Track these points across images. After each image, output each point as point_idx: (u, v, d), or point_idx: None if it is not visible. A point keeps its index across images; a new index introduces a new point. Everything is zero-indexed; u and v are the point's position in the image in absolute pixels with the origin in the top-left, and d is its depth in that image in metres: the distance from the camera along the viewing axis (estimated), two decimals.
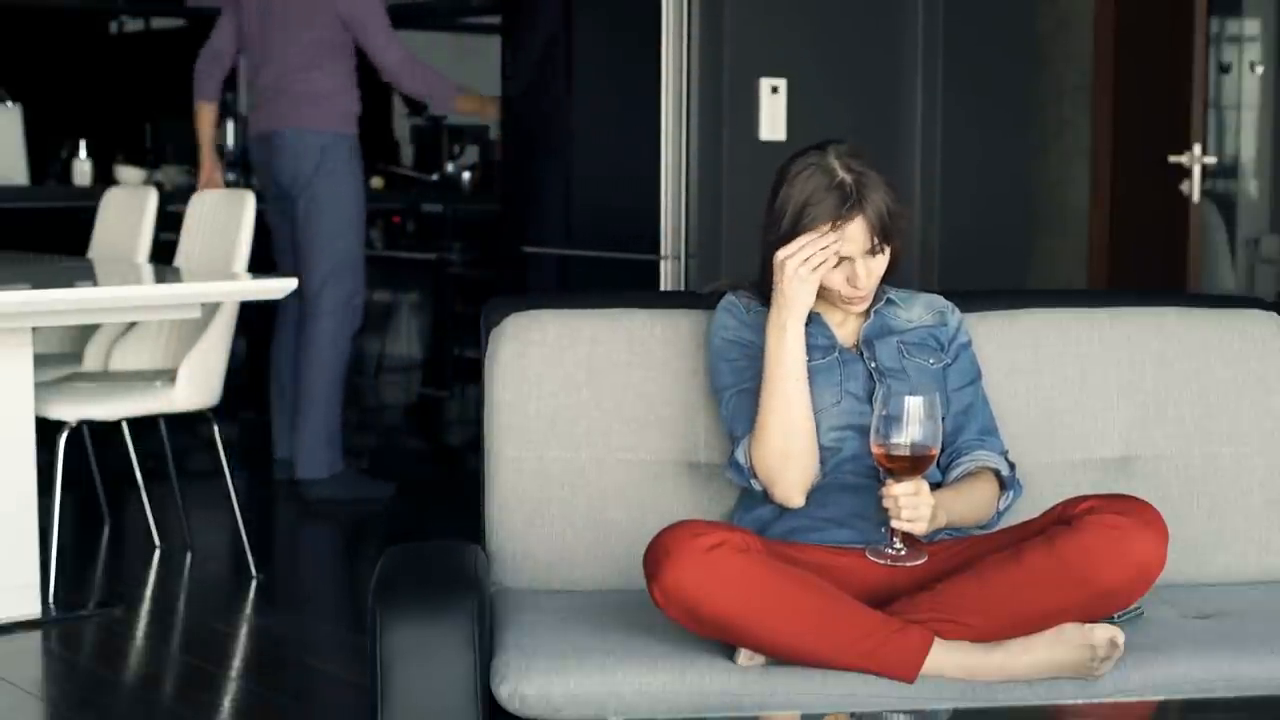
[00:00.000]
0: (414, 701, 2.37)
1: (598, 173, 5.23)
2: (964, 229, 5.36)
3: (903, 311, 2.78)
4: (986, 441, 2.72)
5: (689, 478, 2.84)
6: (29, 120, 6.95)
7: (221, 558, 5.04)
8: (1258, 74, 6.41)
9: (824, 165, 2.63)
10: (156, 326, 4.84)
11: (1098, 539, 2.40)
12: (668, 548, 2.40)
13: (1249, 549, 2.92)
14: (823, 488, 2.64)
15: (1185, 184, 5.55)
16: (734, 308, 2.77)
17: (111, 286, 4.45)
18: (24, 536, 4.21)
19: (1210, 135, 5.85)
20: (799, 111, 5.01)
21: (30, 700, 3.82)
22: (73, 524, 4.71)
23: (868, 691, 2.42)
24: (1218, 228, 6.09)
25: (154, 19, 8.93)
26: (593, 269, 5.17)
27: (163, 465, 5.03)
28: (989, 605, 2.44)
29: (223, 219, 4.86)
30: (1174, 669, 2.48)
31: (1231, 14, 6.36)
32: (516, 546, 2.83)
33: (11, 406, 4.20)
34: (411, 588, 2.47)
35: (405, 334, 7.60)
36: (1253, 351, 2.97)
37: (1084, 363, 2.93)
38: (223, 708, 3.75)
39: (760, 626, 2.40)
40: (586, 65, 5.27)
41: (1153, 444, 2.93)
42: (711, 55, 4.89)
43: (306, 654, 4.17)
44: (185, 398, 4.56)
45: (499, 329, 2.89)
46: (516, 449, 2.83)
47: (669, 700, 2.42)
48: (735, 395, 2.70)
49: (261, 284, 4.48)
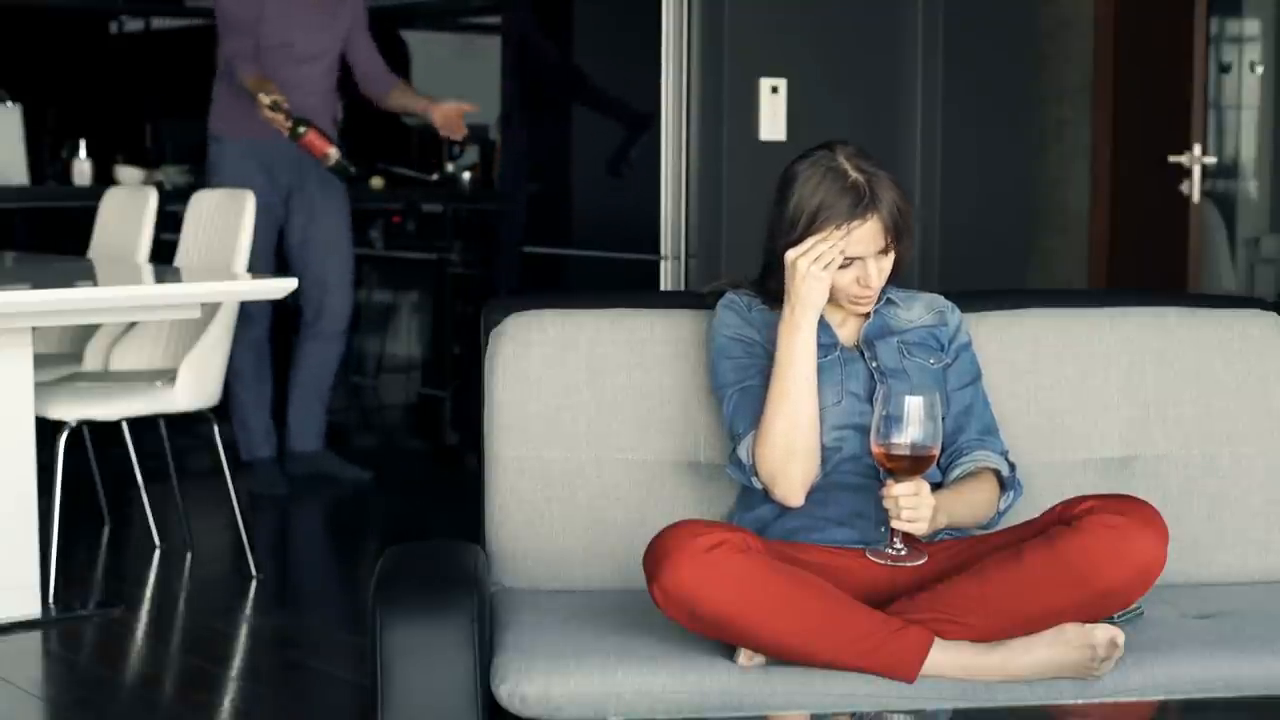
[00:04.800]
0: (414, 701, 2.37)
1: (598, 173, 5.23)
2: (964, 229, 5.36)
3: (903, 311, 2.78)
4: (987, 441, 2.72)
5: (689, 478, 2.84)
6: (29, 120, 6.95)
7: (221, 558, 5.04)
8: (1258, 74, 6.41)
9: (835, 167, 2.63)
10: (156, 326, 4.83)
11: (1098, 539, 2.40)
12: (667, 547, 2.40)
13: (1249, 549, 2.92)
14: (823, 487, 2.65)
15: (1185, 184, 5.55)
16: (736, 305, 2.77)
17: (111, 286, 4.45)
18: (24, 536, 4.21)
19: (1210, 135, 5.85)
20: (799, 111, 5.01)
21: (30, 700, 3.82)
22: (73, 524, 4.71)
23: (868, 691, 2.42)
24: (1218, 228, 6.09)
25: (154, 19, 8.92)
26: (593, 269, 5.17)
27: (163, 465, 5.03)
28: (989, 605, 2.44)
29: (222, 219, 4.86)
30: (1174, 669, 2.49)
31: (1231, 14, 6.36)
32: (516, 546, 2.83)
33: (11, 406, 4.20)
34: (411, 588, 2.47)
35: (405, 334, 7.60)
36: (1253, 351, 2.97)
37: (1084, 363, 2.93)
38: (223, 708, 3.75)
39: (760, 626, 2.40)
40: (586, 65, 5.27)
41: (1153, 444, 2.93)
42: (711, 55, 4.89)
43: (306, 654, 4.17)
44: (185, 398, 4.56)
45: (499, 329, 2.89)
46: (516, 449, 2.84)
47: (669, 700, 2.42)
48: (737, 393, 2.70)
49: (261, 284, 4.48)
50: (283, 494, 5.73)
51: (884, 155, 4.01)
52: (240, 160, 5.69)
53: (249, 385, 5.79)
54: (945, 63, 5.27)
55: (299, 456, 5.92)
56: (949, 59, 5.28)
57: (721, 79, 4.91)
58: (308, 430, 5.93)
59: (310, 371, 5.90)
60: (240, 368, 5.71)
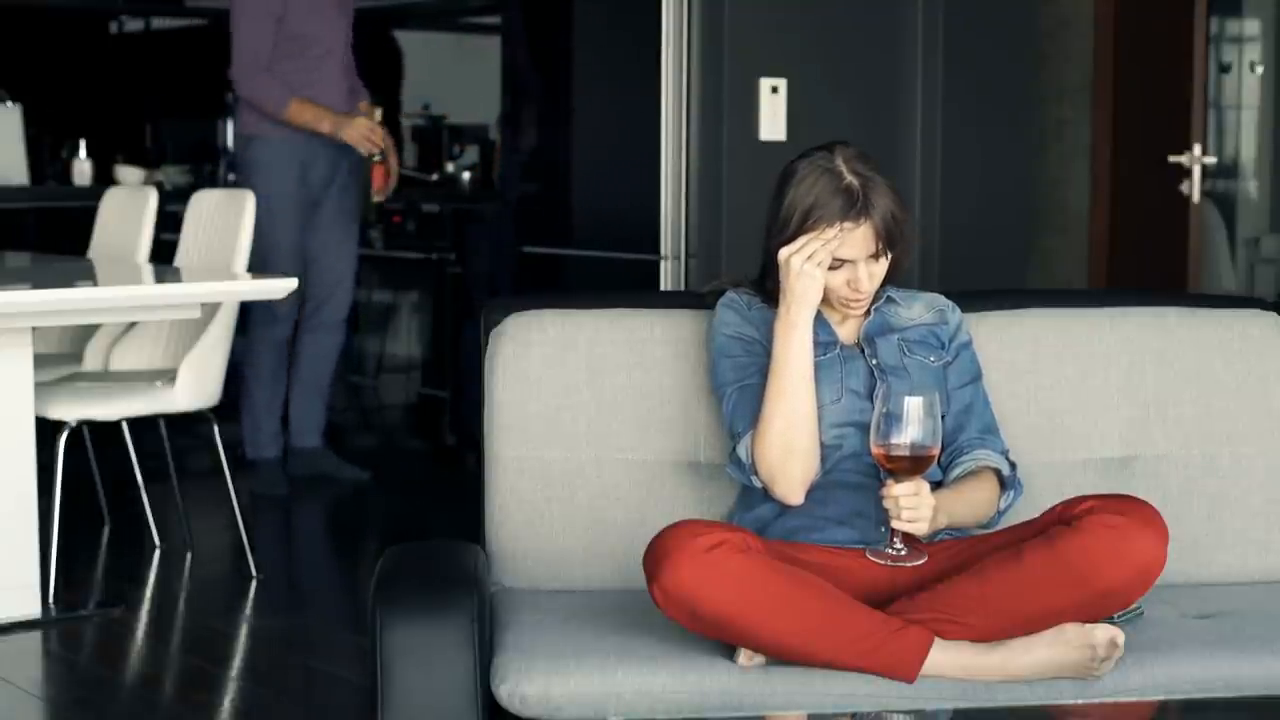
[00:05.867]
0: (414, 701, 2.37)
1: (598, 173, 5.23)
2: (964, 229, 5.36)
3: (903, 310, 2.78)
4: (987, 441, 2.72)
5: (689, 478, 2.84)
6: (29, 120, 6.95)
7: (221, 558, 5.04)
8: (1258, 74, 6.41)
9: (831, 168, 2.63)
10: (156, 326, 4.83)
11: (1098, 539, 2.40)
12: (667, 548, 2.40)
13: (1249, 549, 2.92)
14: (823, 485, 2.65)
15: (1185, 184, 5.55)
16: (736, 304, 2.77)
17: (111, 286, 4.45)
18: (24, 536, 4.21)
19: (1210, 135, 5.85)
20: (799, 111, 5.01)
21: (30, 700, 3.82)
22: (73, 524, 4.70)
23: (868, 691, 2.42)
24: (1218, 228, 6.09)
25: (154, 19, 8.93)
26: (593, 269, 5.17)
27: (163, 465, 5.03)
28: (989, 605, 2.44)
29: (223, 219, 4.86)
30: (1174, 669, 2.48)
31: (1231, 14, 6.36)
32: (516, 546, 2.83)
33: (11, 406, 4.20)
34: (411, 588, 2.47)
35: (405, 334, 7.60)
36: (1253, 351, 2.97)
37: (1084, 363, 2.93)
38: (223, 708, 3.75)
39: (760, 626, 2.40)
40: (586, 65, 5.27)
41: (1153, 444, 2.93)
42: (711, 55, 4.89)
43: (306, 654, 4.17)
44: (185, 398, 4.56)
45: (499, 329, 2.89)
46: (516, 449, 2.84)
47: (669, 700, 2.42)
48: (737, 391, 2.70)
49: (262, 284, 4.48)
50: (283, 494, 5.73)
51: (884, 155, 4.03)
52: (281, 159, 5.69)
53: (267, 385, 5.79)
54: (945, 62, 5.27)
55: (299, 454, 5.91)
56: (949, 59, 5.28)
57: (721, 79, 4.91)
58: (308, 426, 5.93)
59: (311, 364, 5.90)
60: (261, 367, 5.74)
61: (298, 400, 5.92)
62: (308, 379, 5.91)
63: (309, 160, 5.71)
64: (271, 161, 5.67)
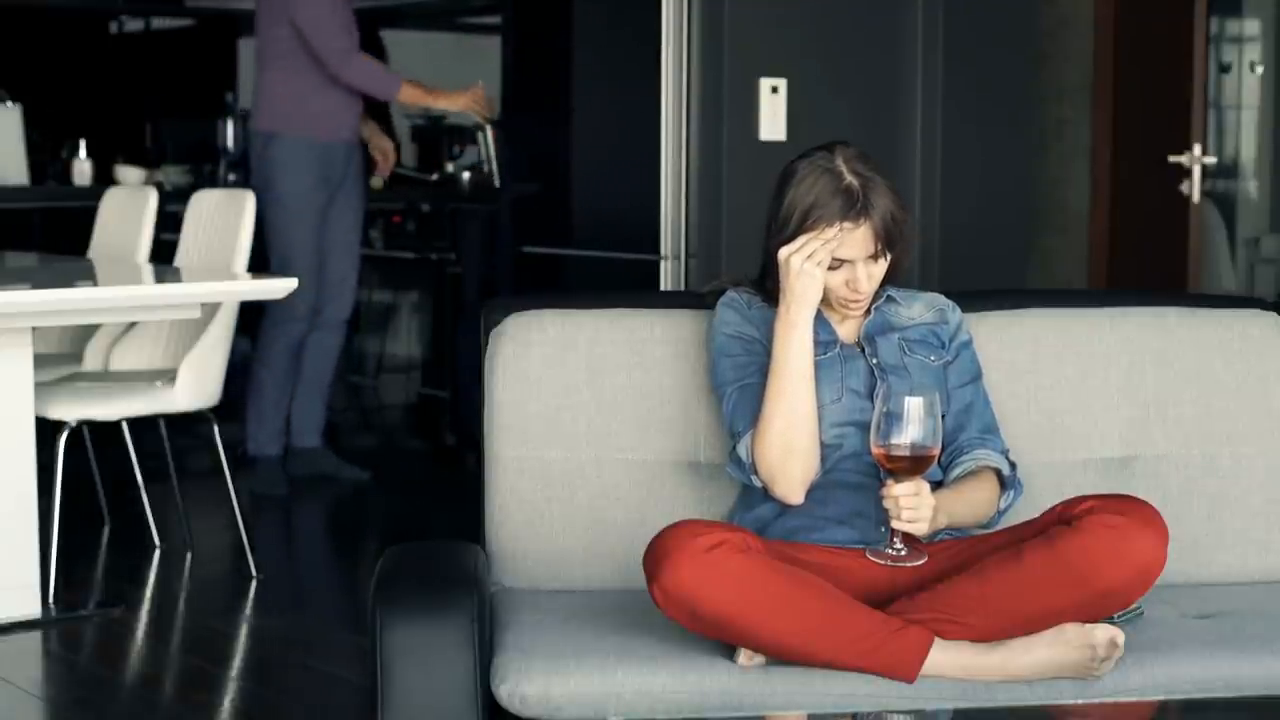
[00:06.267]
0: (414, 701, 2.37)
1: (598, 172, 5.23)
2: (964, 229, 5.36)
3: (903, 309, 2.79)
4: (987, 440, 2.72)
5: (689, 478, 2.84)
6: (29, 120, 6.95)
7: (221, 558, 5.04)
8: (1258, 74, 6.41)
9: (831, 168, 2.63)
10: (156, 326, 4.83)
11: (1098, 539, 2.40)
12: (667, 547, 2.40)
13: (1249, 549, 2.92)
14: (823, 485, 2.65)
15: (1185, 184, 5.55)
16: (736, 303, 2.77)
17: (111, 286, 4.45)
18: (24, 536, 4.21)
19: (1210, 135, 5.85)
20: (799, 111, 5.01)
21: (30, 700, 3.82)
22: (73, 524, 4.70)
23: (868, 691, 2.42)
24: (1218, 228, 6.09)
25: (154, 19, 8.93)
26: (593, 269, 5.17)
27: (163, 465, 5.03)
28: (989, 605, 2.44)
29: (223, 219, 4.86)
30: (1174, 669, 2.49)
31: (1231, 14, 6.36)
32: (516, 546, 2.83)
33: (11, 406, 4.20)
34: (411, 588, 2.47)
35: (405, 334, 7.61)
36: (1253, 351, 2.97)
37: (1084, 363, 2.93)
38: (223, 708, 3.75)
39: (760, 626, 2.40)
40: (586, 65, 5.27)
41: (1153, 444, 2.93)
42: (711, 55, 4.89)
43: (306, 654, 4.17)
44: (185, 398, 4.56)
45: (499, 329, 2.89)
46: (516, 449, 2.84)
47: (669, 700, 2.42)
48: (737, 391, 2.70)
49: (261, 284, 4.48)
50: (283, 494, 5.73)
51: (884, 154, 4.03)
52: (301, 158, 5.67)
53: (279, 383, 5.80)
54: (945, 62, 5.27)
55: (299, 454, 5.92)
56: (949, 58, 5.28)
57: (721, 79, 4.91)
58: (309, 425, 5.93)
59: (312, 363, 5.91)
60: (275, 363, 5.74)
61: (298, 400, 5.92)
62: (309, 377, 5.91)
63: (327, 159, 5.70)
64: (291, 160, 5.65)
